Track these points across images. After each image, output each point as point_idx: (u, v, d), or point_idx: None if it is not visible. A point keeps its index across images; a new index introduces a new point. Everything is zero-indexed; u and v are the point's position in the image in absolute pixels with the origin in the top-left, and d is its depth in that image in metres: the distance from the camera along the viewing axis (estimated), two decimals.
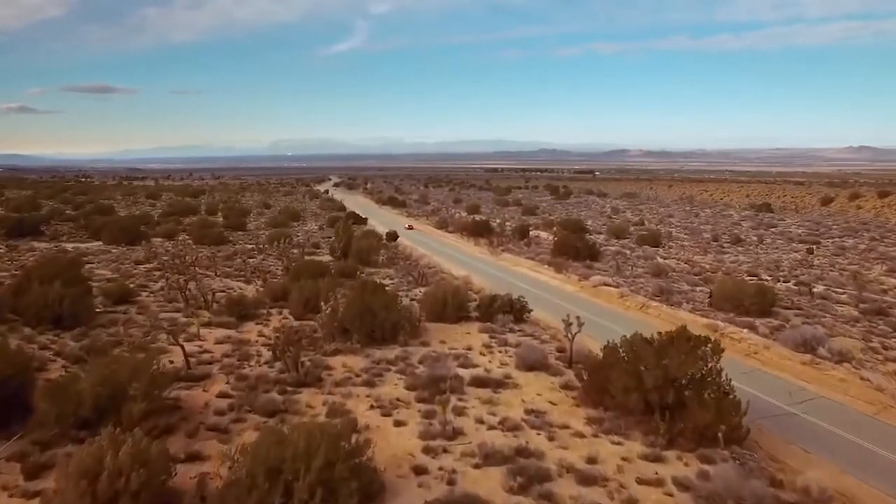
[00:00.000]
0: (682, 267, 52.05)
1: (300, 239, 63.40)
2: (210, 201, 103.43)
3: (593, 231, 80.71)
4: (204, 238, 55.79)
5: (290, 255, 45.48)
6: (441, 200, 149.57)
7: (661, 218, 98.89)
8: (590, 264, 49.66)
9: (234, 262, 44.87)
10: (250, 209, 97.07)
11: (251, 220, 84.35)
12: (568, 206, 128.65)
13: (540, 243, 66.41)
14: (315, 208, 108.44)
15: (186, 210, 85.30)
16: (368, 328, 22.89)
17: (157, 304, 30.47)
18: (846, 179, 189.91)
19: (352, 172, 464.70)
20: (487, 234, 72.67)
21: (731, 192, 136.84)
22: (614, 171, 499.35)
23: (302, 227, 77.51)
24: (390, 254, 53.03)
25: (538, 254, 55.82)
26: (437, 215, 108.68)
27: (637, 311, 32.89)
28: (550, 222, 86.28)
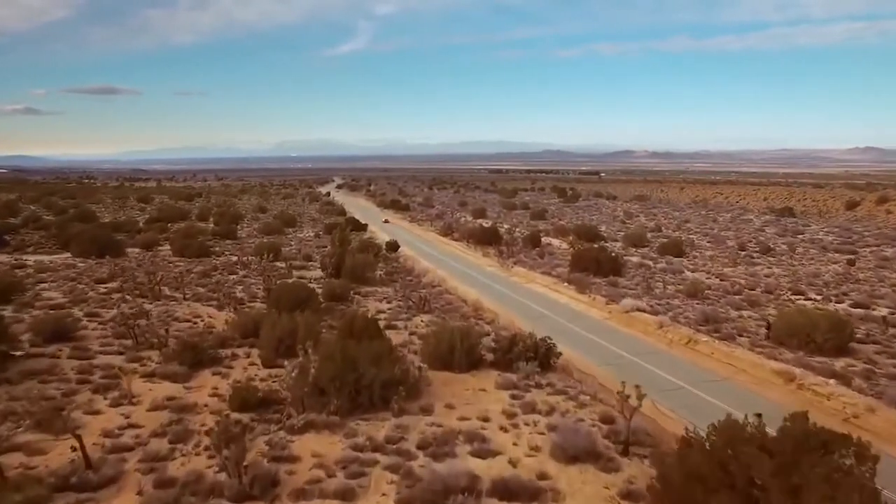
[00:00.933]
0: (714, 282, 46.22)
1: (292, 249, 57.72)
2: (203, 205, 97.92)
3: (608, 238, 74.89)
4: (185, 249, 50.15)
5: (275, 273, 39.79)
6: (445, 203, 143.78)
7: (678, 223, 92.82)
8: (613, 280, 43.87)
9: (211, 280, 39.20)
10: (244, 214, 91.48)
11: (244, 225, 78.78)
12: (577, 209, 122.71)
13: (554, 253, 60.60)
14: (314, 212, 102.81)
15: (176, 215, 79.75)
16: (352, 390, 17.16)
17: (103, 340, 24.80)
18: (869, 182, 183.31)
19: (355, 174, 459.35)
20: (496, 243, 66.91)
21: (747, 194, 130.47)
22: (619, 173, 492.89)
23: (297, 235, 71.86)
24: (390, 268, 47.30)
25: (554, 266, 50.02)
26: (441, 220, 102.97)
27: (683, 347, 27.05)
28: (562, 228, 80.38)
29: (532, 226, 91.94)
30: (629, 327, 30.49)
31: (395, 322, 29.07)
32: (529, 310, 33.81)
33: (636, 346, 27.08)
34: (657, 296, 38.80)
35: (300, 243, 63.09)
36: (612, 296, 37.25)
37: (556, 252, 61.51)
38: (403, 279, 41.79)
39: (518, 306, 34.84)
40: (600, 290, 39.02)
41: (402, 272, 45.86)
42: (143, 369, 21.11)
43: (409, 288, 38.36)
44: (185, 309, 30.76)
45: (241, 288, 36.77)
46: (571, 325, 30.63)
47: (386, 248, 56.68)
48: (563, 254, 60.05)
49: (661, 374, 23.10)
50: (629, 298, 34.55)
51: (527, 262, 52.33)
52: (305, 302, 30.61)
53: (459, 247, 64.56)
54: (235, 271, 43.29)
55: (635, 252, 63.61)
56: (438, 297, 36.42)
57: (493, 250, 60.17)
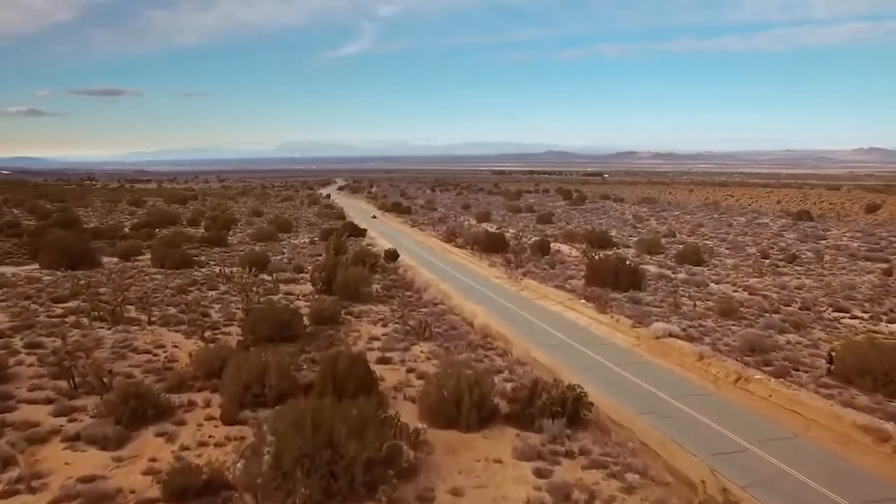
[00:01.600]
0: (743, 297, 41.75)
1: (284, 258, 53.33)
2: (196, 209, 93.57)
3: (620, 244, 70.41)
4: (165, 259, 45.80)
5: (259, 288, 35.38)
6: (448, 206, 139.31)
7: (691, 228, 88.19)
8: (634, 295, 39.36)
9: (186, 297, 34.81)
10: (239, 218, 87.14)
11: (237, 231, 74.44)
12: (584, 212, 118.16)
13: (565, 262, 56.12)
14: (312, 216, 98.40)
15: (165, 220, 75.45)
16: (326, 473, 12.73)
17: (35, 381, 20.42)
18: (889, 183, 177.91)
19: (358, 175, 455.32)
20: (503, 250, 62.45)
21: (759, 196, 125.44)
22: (623, 174, 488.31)
23: (291, 241, 67.48)
24: (388, 280, 42.85)
25: (567, 278, 45.53)
26: (444, 224, 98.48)
27: (732, 386, 22.55)
28: (572, 234, 75.88)
29: (539, 230, 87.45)
30: (663, 358, 25.99)
31: (390, 353, 24.63)
32: (546, 335, 29.32)
33: (677, 386, 22.57)
34: (686, 315, 34.26)
35: (293, 251, 58.69)
36: (637, 316, 32.75)
37: (566, 260, 57.04)
38: (402, 295, 37.33)
39: (532, 330, 30.36)
40: (623, 309, 34.53)
41: (400, 285, 41.39)
42: (70, 427, 16.73)
43: (407, 306, 33.92)
44: (147, 336, 26.35)
45: (218, 307, 32.36)
46: (597, 356, 26.13)
47: (384, 257, 52.26)
48: (574, 262, 55.61)
49: (716, 428, 18.62)
50: (660, 322, 30.01)
51: (537, 273, 47.83)
52: (287, 327, 26.29)
53: (463, 254, 60.10)
54: (217, 286, 38.89)
55: (651, 260, 59.11)
56: (441, 317, 31.95)
57: (500, 259, 55.76)
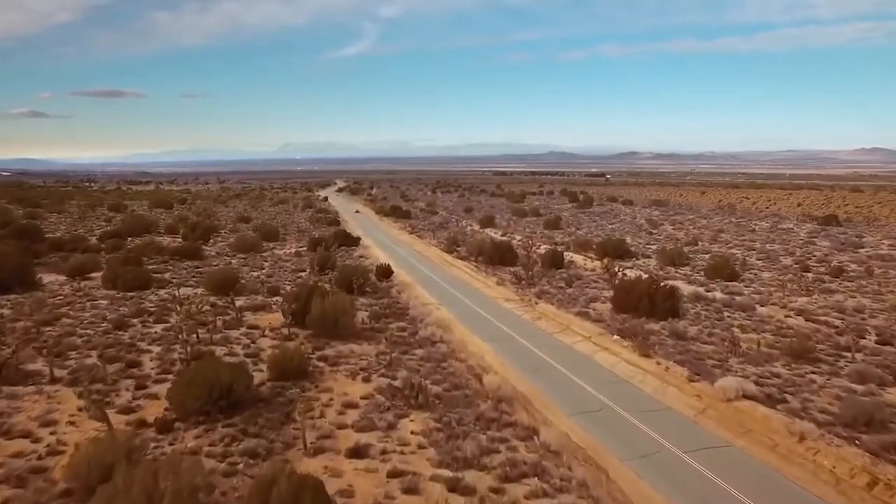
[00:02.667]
0: (797, 322, 34.52)
1: (261, 274, 46.09)
2: (179, 215, 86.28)
3: (639, 254, 63.18)
4: (118, 279, 38.59)
5: (218, 322, 28.15)
6: (450, 209, 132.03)
7: (713, 234, 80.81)
8: (674, 326, 32.09)
9: (125, 333, 27.59)
10: (223, 224, 79.91)
11: (218, 240, 67.25)
12: (593, 216, 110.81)
13: (581, 276, 48.80)
14: (303, 221, 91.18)
15: (140, 228, 68.25)
16: None
17: None
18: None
19: (360, 176, 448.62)
20: (511, 262, 55.19)
21: (778, 199, 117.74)
22: (625, 174, 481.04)
23: (276, 251, 60.27)
24: (378, 304, 35.55)
25: (589, 301, 38.22)
26: (445, 229, 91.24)
27: (864, 492, 15.25)
28: (585, 242, 68.53)
29: (547, 237, 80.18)
30: (745, 436, 18.63)
31: (368, 436, 17.36)
32: (581, 395, 22.01)
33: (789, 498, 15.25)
34: (749, 356, 26.92)
35: (275, 265, 51.46)
36: (690, 361, 25.44)
37: (584, 275, 49.76)
38: (391, 335, 30.03)
39: (561, 387, 22.99)
40: (667, 349, 27.22)
41: (393, 313, 34.04)
42: None
43: (398, 346, 26.66)
44: (38, 406, 19.14)
45: (155, 353, 25.08)
46: (653, 433, 18.76)
47: (376, 273, 45.00)
48: (594, 279, 48.37)
49: None
50: (727, 377, 22.61)
51: (553, 295, 40.49)
52: (229, 393, 19.03)
53: (466, 268, 52.82)
54: (169, 316, 31.63)
55: (677, 274, 51.88)
56: (440, 365, 24.64)
57: (508, 274, 48.46)
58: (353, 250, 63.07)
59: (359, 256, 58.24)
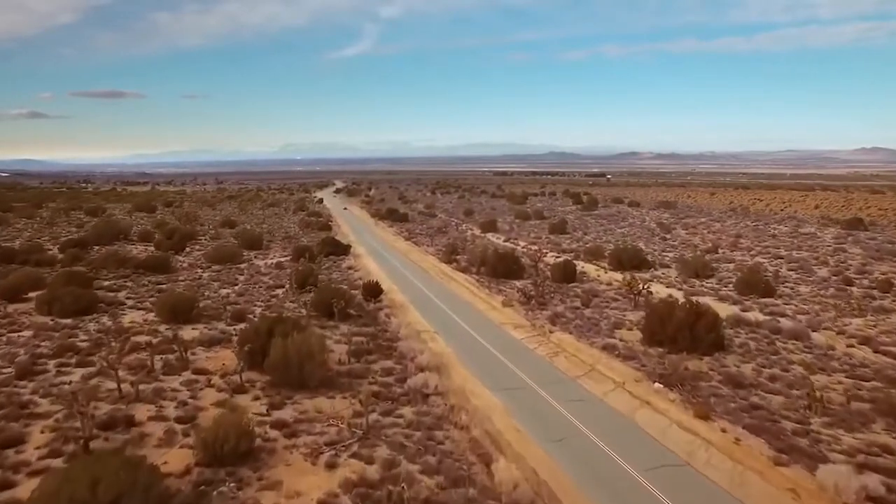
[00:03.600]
0: (864, 355, 28.28)
1: (232, 292, 39.74)
2: (159, 219, 79.78)
3: (656, 263, 56.82)
4: (56, 303, 32.22)
5: (159, 363, 21.74)
6: (449, 211, 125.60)
7: (731, 240, 74.40)
8: (723, 364, 25.80)
9: (28, 383, 21.28)
10: (205, 230, 73.52)
11: (197, 247, 60.89)
12: (600, 219, 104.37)
13: (598, 293, 42.36)
14: (293, 225, 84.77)
15: (110, 235, 61.85)
16: None
17: None
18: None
19: (360, 176, 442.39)
20: (516, 275, 48.80)
21: (793, 201, 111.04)
22: (626, 174, 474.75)
23: (256, 262, 53.90)
24: (361, 334, 29.16)
25: (613, 327, 31.86)
26: (444, 234, 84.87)
27: None
28: (596, 250, 62.13)
29: (554, 242, 73.80)
30: None
31: None
32: (633, 494, 15.63)
33: None
34: (838, 416, 20.51)
35: (251, 279, 45.04)
36: (762, 426, 19.07)
37: (601, 291, 43.37)
38: (377, 373, 23.69)
39: (602, 475, 16.60)
40: (727, 405, 20.83)
41: (378, 347, 27.64)
42: None
43: (379, 401, 20.33)
44: None
45: (53, 420, 18.68)
46: None
47: (364, 292, 38.60)
48: (611, 293, 42.04)
49: None
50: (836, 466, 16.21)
51: (569, 318, 34.09)
52: None
53: (467, 282, 46.43)
54: (98, 353, 25.18)
55: (703, 288, 45.55)
56: (431, 433, 18.29)
57: (515, 290, 42.01)
58: (342, 260, 56.73)
59: (347, 268, 51.86)
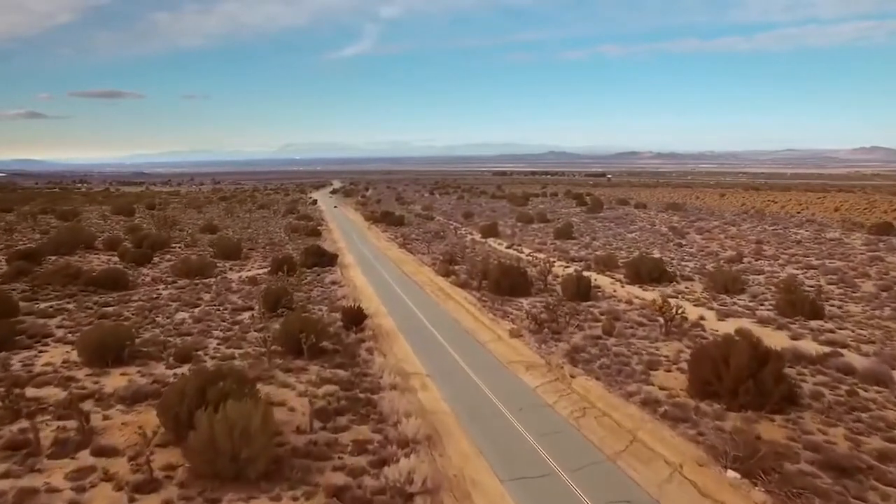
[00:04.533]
0: None
1: (196, 312, 33.27)
2: (132, 225, 73.25)
3: (677, 274, 50.42)
4: None
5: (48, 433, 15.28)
6: (448, 213, 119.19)
7: (753, 246, 68.00)
8: (799, 424, 19.47)
9: None
10: (182, 236, 67.01)
11: (170, 256, 54.41)
12: (606, 222, 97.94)
13: (620, 315, 35.88)
14: (279, 230, 78.29)
15: (73, 243, 55.30)
16: None
17: None
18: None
19: (358, 176, 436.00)
20: (523, 291, 42.29)
21: (809, 203, 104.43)
22: (626, 174, 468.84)
23: (229, 275, 47.47)
24: (335, 387, 22.74)
25: (648, 366, 25.52)
26: (442, 239, 78.47)
27: None
28: (609, 260, 55.69)
29: (560, 249, 67.42)
30: None
31: None
32: None
33: None
34: None
35: (217, 298, 38.54)
36: None
37: (620, 309, 36.95)
38: (347, 450, 17.31)
39: None
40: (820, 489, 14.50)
41: (352, 401, 21.19)
42: None
43: None
44: None
45: None
46: None
47: (343, 319, 32.11)
48: (634, 314, 35.60)
49: None
50: None
51: (591, 354, 27.65)
52: None
53: (467, 301, 39.95)
54: None
55: (736, 306, 39.26)
56: None
57: (523, 312, 35.48)
58: (328, 272, 50.29)
59: (331, 283, 45.40)
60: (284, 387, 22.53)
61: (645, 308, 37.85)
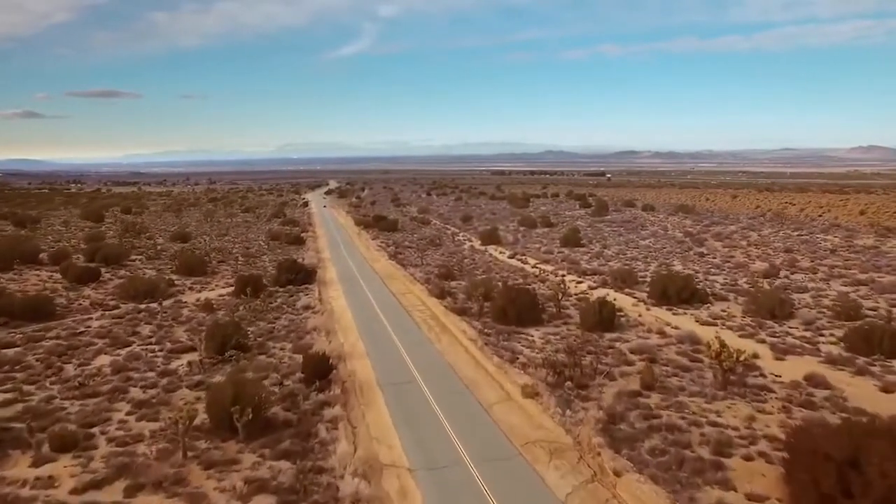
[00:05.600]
0: None
1: (123, 354, 25.68)
2: (91, 234, 65.43)
3: (708, 291, 42.88)
4: None
5: None
6: (445, 216, 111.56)
7: (784, 256, 60.50)
8: None
9: None
10: (150, 246, 59.33)
11: (121, 272, 46.78)
12: (614, 225, 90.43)
13: (655, 355, 28.29)
14: (258, 238, 70.60)
15: (10, 257, 47.58)
16: None
17: None
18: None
19: (356, 176, 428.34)
20: (534, 320, 34.69)
21: (831, 205, 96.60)
22: (625, 173, 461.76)
23: (185, 296, 39.85)
24: (271, 499, 15.24)
25: (715, 452, 18.06)
26: (438, 246, 70.90)
27: None
28: (628, 274, 48.16)
29: (570, 260, 59.84)
30: None
31: None
32: None
33: None
34: None
35: (157, 332, 30.90)
36: None
37: (653, 345, 29.40)
38: None
39: None
40: None
41: None
42: None
43: None
44: None
45: None
46: None
47: (304, 372, 24.44)
48: (675, 355, 28.05)
49: None
50: None
51: (632, 427, 20.09)
52: None
53: (465, 336, 32.28)
54: None
55: (790, 336, 31.83)
56: None
57: (540, 359, 27.79)
58: (303, 291, 42.71)
59: (304, 308, 37.76)
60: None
61: (682, 342, 30.46)
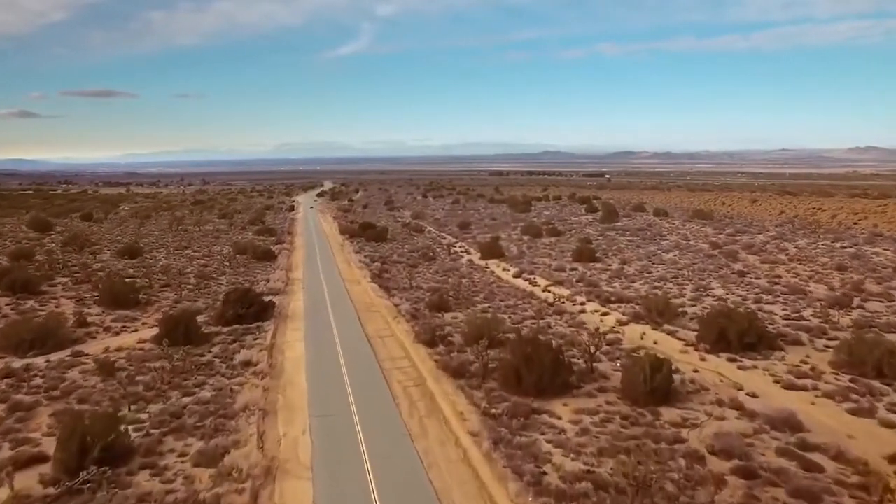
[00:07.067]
0: None
1: None
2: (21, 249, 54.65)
3: (777, 335, 32.53)
4: None
5: None
6: (441, 222, 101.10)
7: (842, 278, 50.13)
8: None
9: None
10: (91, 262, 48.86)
11: (29, 303, 36.39)
12: (628, 233, 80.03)
13: (752, 460, 17.98)
14: (224, 251, 60.07)
15: None
16: None
17: None
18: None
19: (352, 176, 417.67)
20: (562, 385, 24.35)
21: (869, 211, 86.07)
22: (623, 174, 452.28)
23: (91, 343, 29.45)
24: None
25: None
26: (431, 261, 60.53)
27: None
28: (664, 306, 37.71)
29: (584, 279, 49.42)
30: None
31: None
32: None
33: None
34: None
35: (15, 410, 20.53)
36: None
37: (740, 437, 19.01)
38: None
39: None
40: None
41: None
42: None
43: None
44: None
45: None
46: None
47: None
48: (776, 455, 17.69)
49: None
50: None
51: None
52: None
53: (463, 422, 21.82)
54: None
55: None
56: None
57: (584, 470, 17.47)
58: (253, 332, 32.26)
59: (243, 365, 27.23)
60: None
61: (778, 427, 20.14)
